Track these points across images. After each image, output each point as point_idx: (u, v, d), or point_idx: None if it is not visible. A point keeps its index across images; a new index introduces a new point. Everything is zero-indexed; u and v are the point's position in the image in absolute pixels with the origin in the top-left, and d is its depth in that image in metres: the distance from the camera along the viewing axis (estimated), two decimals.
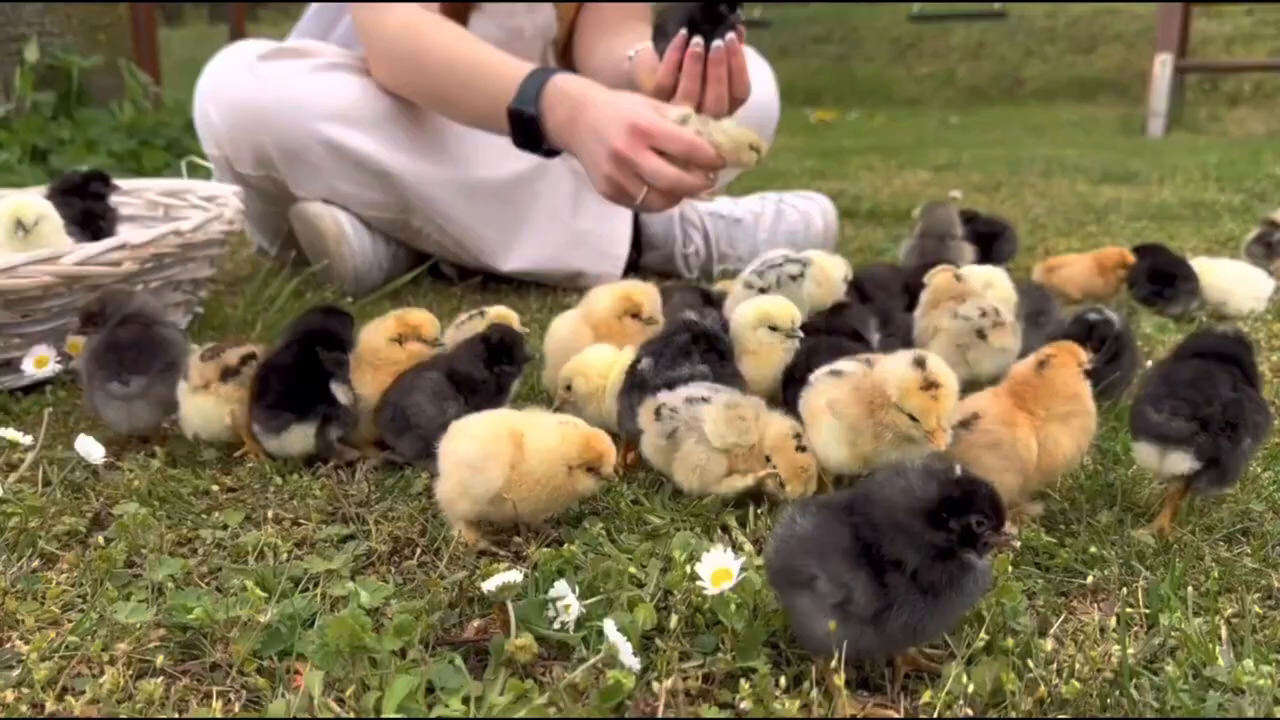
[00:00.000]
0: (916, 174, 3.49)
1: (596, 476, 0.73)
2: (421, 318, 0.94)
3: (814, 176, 3.36)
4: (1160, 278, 1.44)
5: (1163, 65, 5.67)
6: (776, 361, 0.94)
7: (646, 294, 1.00)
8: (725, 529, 0.77)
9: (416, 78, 1.43)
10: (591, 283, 1.60)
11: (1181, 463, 0.74)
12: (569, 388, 0.96)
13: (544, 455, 0.72)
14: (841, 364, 0.79)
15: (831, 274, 1.12)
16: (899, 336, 1.09)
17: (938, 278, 1.06)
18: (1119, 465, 0.89)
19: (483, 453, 0.72)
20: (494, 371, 0.90)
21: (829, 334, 1.01)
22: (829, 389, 0.79)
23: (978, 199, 2.83)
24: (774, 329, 0.95)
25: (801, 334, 0.96)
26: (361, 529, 0.78)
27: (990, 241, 1.65)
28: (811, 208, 1.70)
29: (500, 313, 0.97)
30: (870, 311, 1.07)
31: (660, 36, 1.29)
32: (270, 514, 0.80)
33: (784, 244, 1.68)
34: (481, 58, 1.30)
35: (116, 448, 0.92)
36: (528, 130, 1.23)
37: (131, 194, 1.44)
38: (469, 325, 1.01)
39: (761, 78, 1.82)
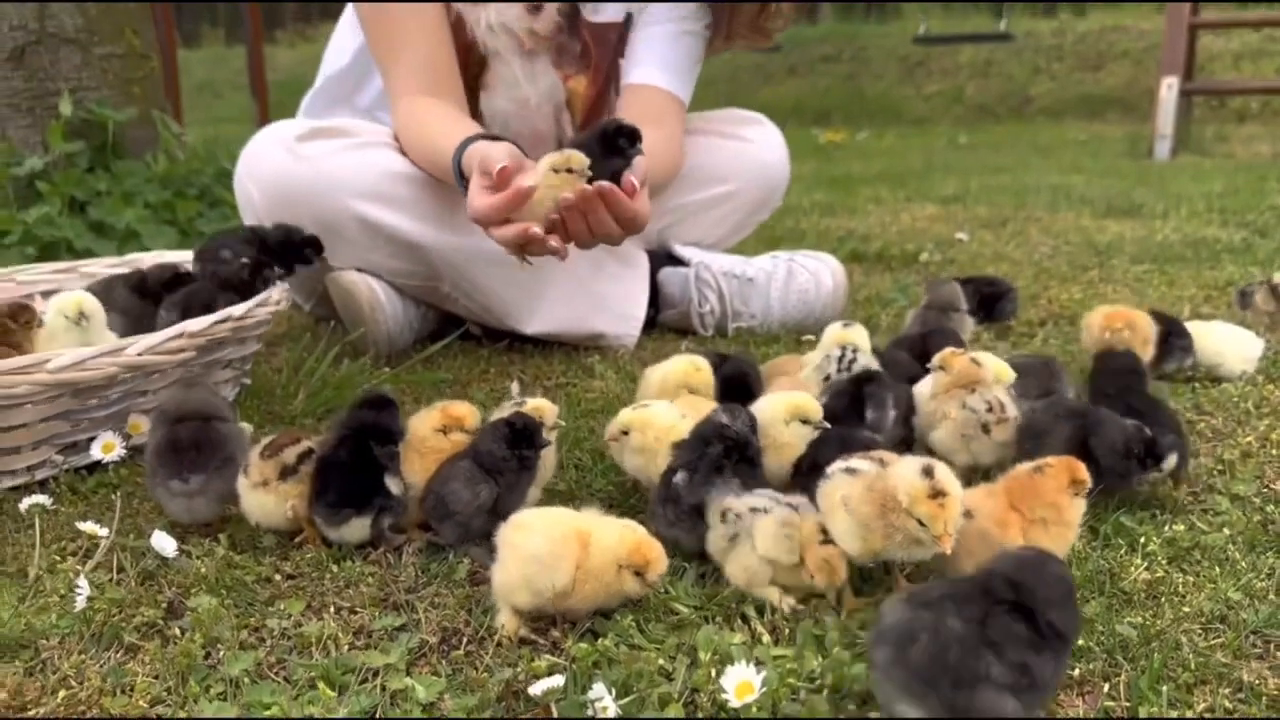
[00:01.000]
0: (924, 208, 3.56)
1: (642, 581, 0.80)
2: (463, 410, 1.02)
3: (823, 212, 3.44)
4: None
5: (1169, 88, 5.72)
6: (798, 453, 1.01)
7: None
8: (745, 618, 0.84)
9: (414, 156, 1.56)
10: (611, 343, 1.70)
11: None
12: (625, 433, 1.04)
13: (603, 555, 0.79)
14: (856, 461, 0.86)
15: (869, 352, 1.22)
16: (900, 411, 1.15)
17: (956, 363, 1.11)
18: (1108, 548, 0.96)
19: (553, 551, 0.79)
20: (516, 454, 0.97)
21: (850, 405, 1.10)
22: (844, 485, 0.86)
23: (984, 236, 2.90)
24: (804, 422, 1.02)
25: (828, 425, 1.04)
26: (412, 618, 0.85)
27: (993, 302, 1.72)
28: (821, 268, 1.77)
29: (538, 405, 1.04)
30: (889, 392, 1.14)
31: None
32: (329, 602, 0.87)
33: (795, 303, 1.76)
34: (438, 136, 1.44)
35: (181, 529, 1.00)
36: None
37: (179, 265, 1.52)
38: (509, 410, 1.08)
39: (772, 144, 1.91)
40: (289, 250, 1.41)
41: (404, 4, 1.59)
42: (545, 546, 0.80)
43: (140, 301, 1.38)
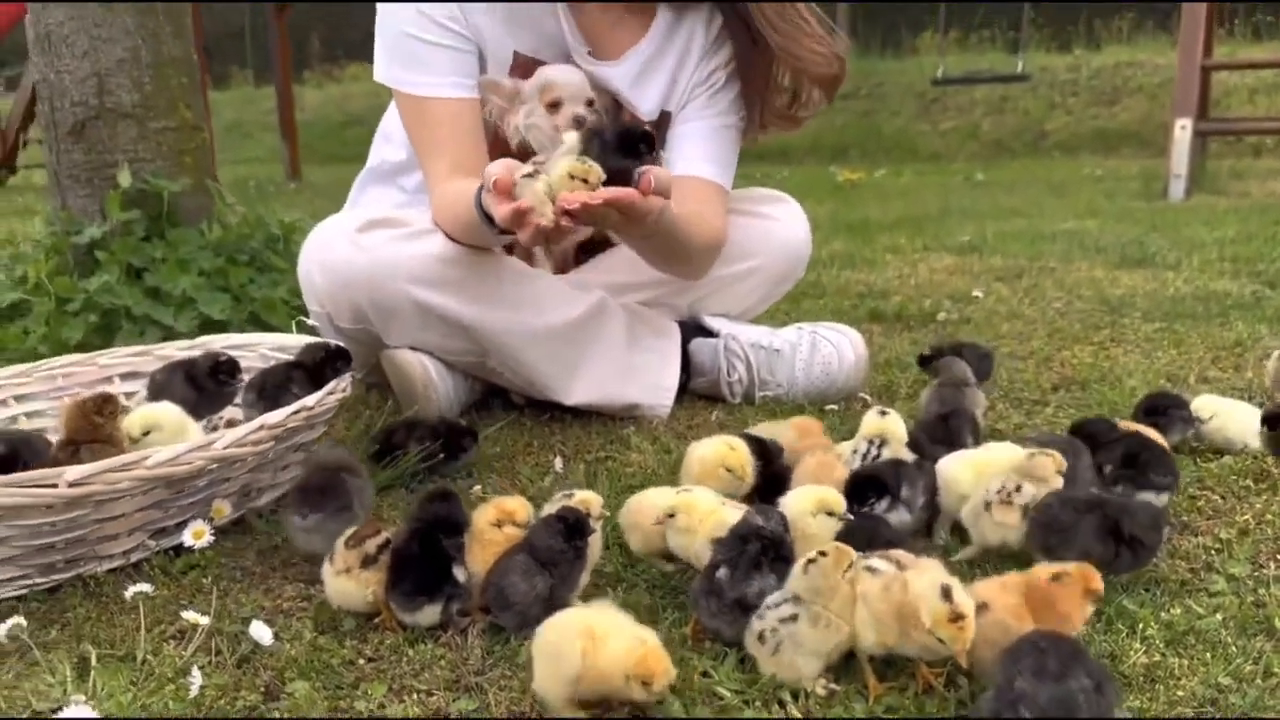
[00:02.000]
0: (941, 258, 3.66)
1: (648, 690, 0.88)
2: (515, 504, 1.13)
3: (842, 264, 3.54)
4: (1155, 410, 1.58)
5: (1183, 129, 5.82)
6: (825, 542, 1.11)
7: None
8: (781, 703, 0.94)
9: (448, 225, 1.67)
10: (646, 413, 1.80)
11: None
12: (672, 515, 1.14)
13: (612, 663, 0.88)
14: (876, 561, 0.96)
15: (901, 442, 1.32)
16: (928, 495, 1.25)
17: (1011, 463, 1.21)
18: (1110, 630, 1.05)
19: (562, 650, 0.89)
20: (569, 546, 1.08)
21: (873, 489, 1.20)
22: (863, 580, 0.96)
23: (1000, 290, 3.00)
24: (830, 514, 1.12)
25: (851, 516, 1.14)
26: (483, 700, 0.95)
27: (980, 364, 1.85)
28: (843, 341, 1.87)
29: (584, 498, 1.14)
30: (919, 474, 1.23)
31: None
32: (408, 685, 0.97)
33: (819, 375, 1.86)
34: (463, 193, 1.54)
35: (270, 613, 1.10)
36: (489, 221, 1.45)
37: (246, 348, 1.64)
38: (559, 504, 1.18)
39: (795, 221, 2.01)
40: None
41: (441, 105, 1.71)
42: (556, 638, 0.89)
43: (195, 393, 1.49)
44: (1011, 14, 11.83)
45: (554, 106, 1.70)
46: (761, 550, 1.02)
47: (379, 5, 1.76)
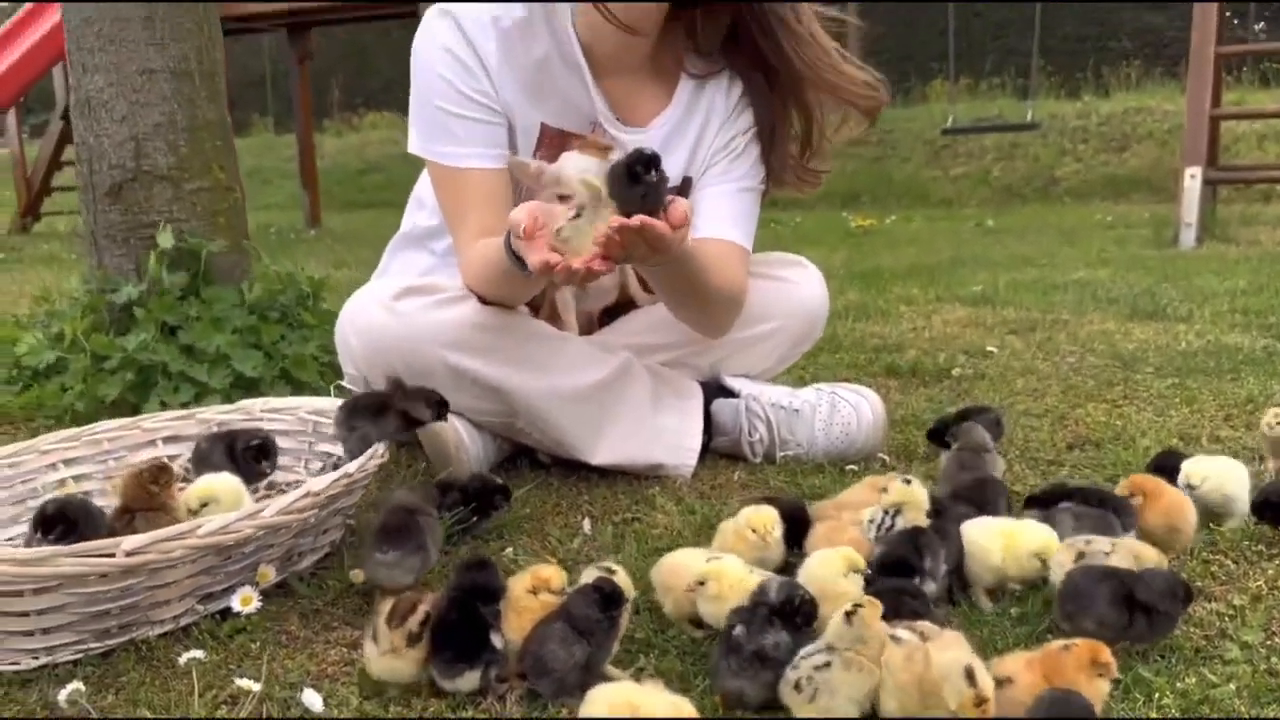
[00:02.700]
0: (955, 309, 3.71)
1: None
2: (551, 572, 1.18)
3: (856, 316, 3.60)
4: (1164, 470, 1.61)
5: (1192, 178, 5.88)
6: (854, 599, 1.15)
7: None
8: None
9: (478, 281, 1.75)
10: (670, 472, 1.85)
11: None
12: (702, 583, 1.19)
13: None
14: (901, 631, 1.00)
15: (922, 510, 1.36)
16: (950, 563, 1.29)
17: (1048, 549, 1.26)
18: (1127, 699, 1.09)
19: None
20: (607, 615, 1.12)
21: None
22: (888, 648, 1.00)
23: (1013, 344, 3.04)
24: (856, 572, 1.17)
25: (870, 572, 1.18)
26: None
27: (994, 431, 1.88)
28: (861, 403, 1.92)
29: (620, 575, 1.19)
30: (940, 543, 1.28)
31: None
32: None
33: (839, 435, 1.91)
34: (492, 245, 1.62)
35: (316, 678, 1.15)
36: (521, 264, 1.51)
37: (284, 411, 1.70)
38: (590, 573, 1.22)
39: (812, 284, 2.08)
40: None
41: (469, 175, 1.78)
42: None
43: (234, 465, 1.55)
44: (1020, 61, 11.99)
45: (564, 199, 1.77)
46: (776, 611, 1.06)
47: (415, 79, 1.83)
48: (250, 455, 1.57)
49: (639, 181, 1.42)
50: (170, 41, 2.64)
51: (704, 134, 1.93)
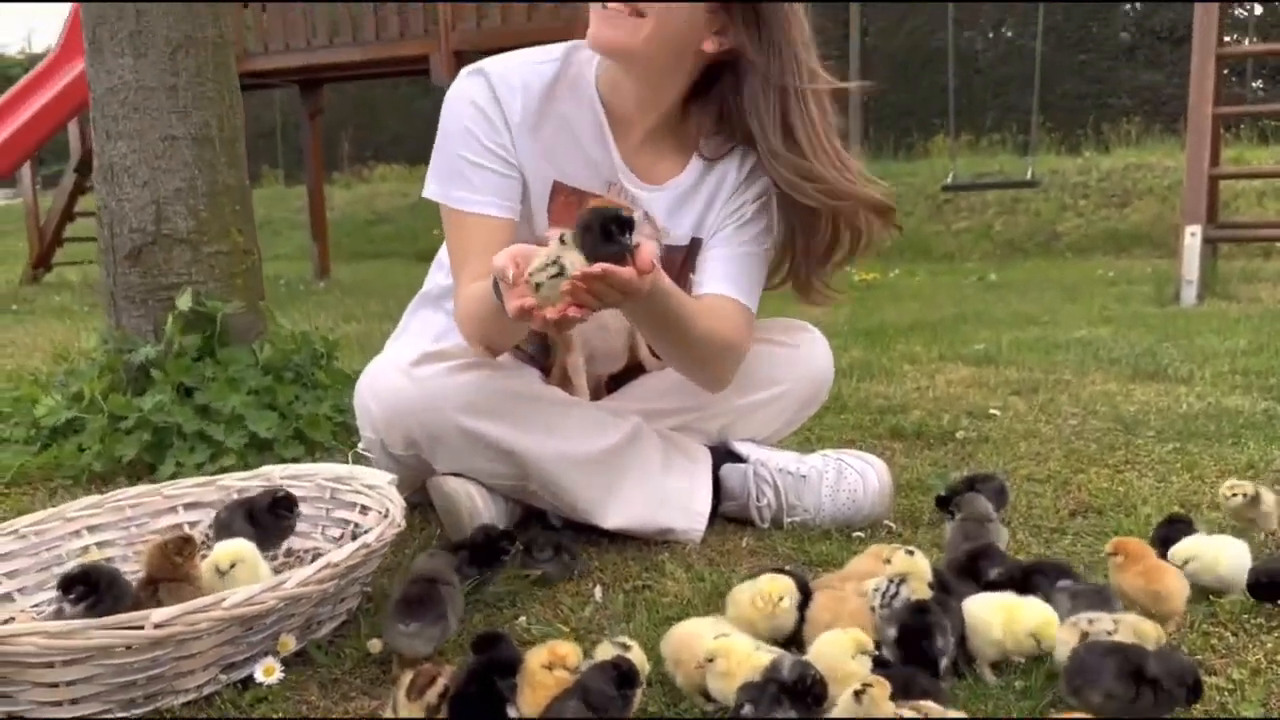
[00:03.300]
0: (958, 369, 3.75)
1: None
2: (567, 649, 1.20)
3: (860, 375, 3.64)
4: (1169, 540, 1.64)
5: (1192, 236, 5.94)
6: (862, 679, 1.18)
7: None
8: None
9: (469, 320, 1.81)
10: (679, 537, 1.88)
11: None
12: (710, 660, 1.22)
13: None
14: (906, 712, 1.03)
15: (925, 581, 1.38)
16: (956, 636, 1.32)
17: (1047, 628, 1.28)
18: None
19: None
20: (622, 693, 1.15)
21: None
22: None
23: (1016, 406, 3.08)
24: (864, 654, 1.20)
25: (879, 651, 1.21)
26: None
27: (998, 499, 1.92)
28: (868, 470, 1.96)
29: (635, 652, 1.22)
30: (946, 618, 1.30)
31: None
32: None
33: (845, 502, 1.94)
34: (479, 286, 1.70)
35: None
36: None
37: (303, 477, 1.74)
38: (605, 648, 1.25)
39: (818, 350, 2.12)
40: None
41: (477, 220, 1.84)
42: None
43: (256, 530, 1.59)
44: (1021, 118, 12.15)
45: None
46: (787, 688, 1.09)
47: (441, 129, 1.90)
48: (275, 508, 1.60)
49: (613, 241, 1.49)
50: (193, 109, 2.72)
51: (715, 198, 1.98)
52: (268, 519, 1.60)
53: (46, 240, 9.45)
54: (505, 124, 1.85)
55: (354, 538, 1.64)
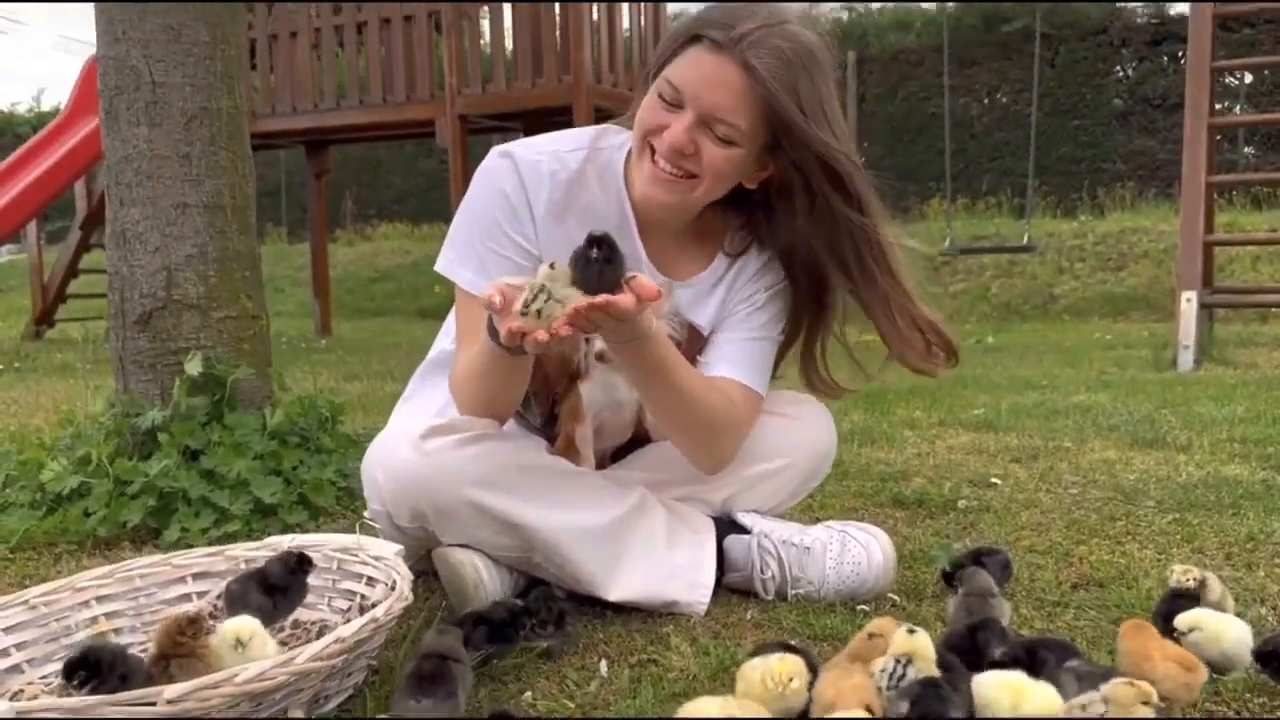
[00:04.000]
0: (958, 435, 3.77)
1: None
2: None
3: (862, 440, 3.66)
4: (1172, 615, 1.64)
5: (1188, 302, 5.99)
6: None
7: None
8: None
9: (464, 381, 1.85)
10: (684, 609, 1.89)
11: None
12: None
13: None
14: None
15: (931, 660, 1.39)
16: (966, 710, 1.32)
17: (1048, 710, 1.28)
18: None
19: None
20: None
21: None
22: None
23: (1016, 474, 3.09)
24: None
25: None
26: None
27: (1002, 572, 1.92)
28: (871, 543, 1.97)
29: None
30: (955, 695, 1.31)
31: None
32: None
33: (850, 574, 1.95)
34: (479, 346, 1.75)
35: None
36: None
37: (309, 548, 1.75)
38: None
39: (821, 422, 2.15)
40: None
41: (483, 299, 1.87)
42: None
43: (270, 598, 1.60)
44: (1017, 181, 12.31)
45: (586, 341, 1.85)
46: None
47: (466, 206, 1.94)
48: (293, 571, 1.61)
49: (592, 262, 1.52)
50: (206, 177, 2.77)
51: (731, 289, 2.01)
52: (286, 581, 1.60)
53: (50, 296, 9.50)
54: (530, 214, 1.88)
55: (361, 610, 1.65)
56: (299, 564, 1.63)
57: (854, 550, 1.96)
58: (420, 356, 2.21)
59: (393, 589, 1.56)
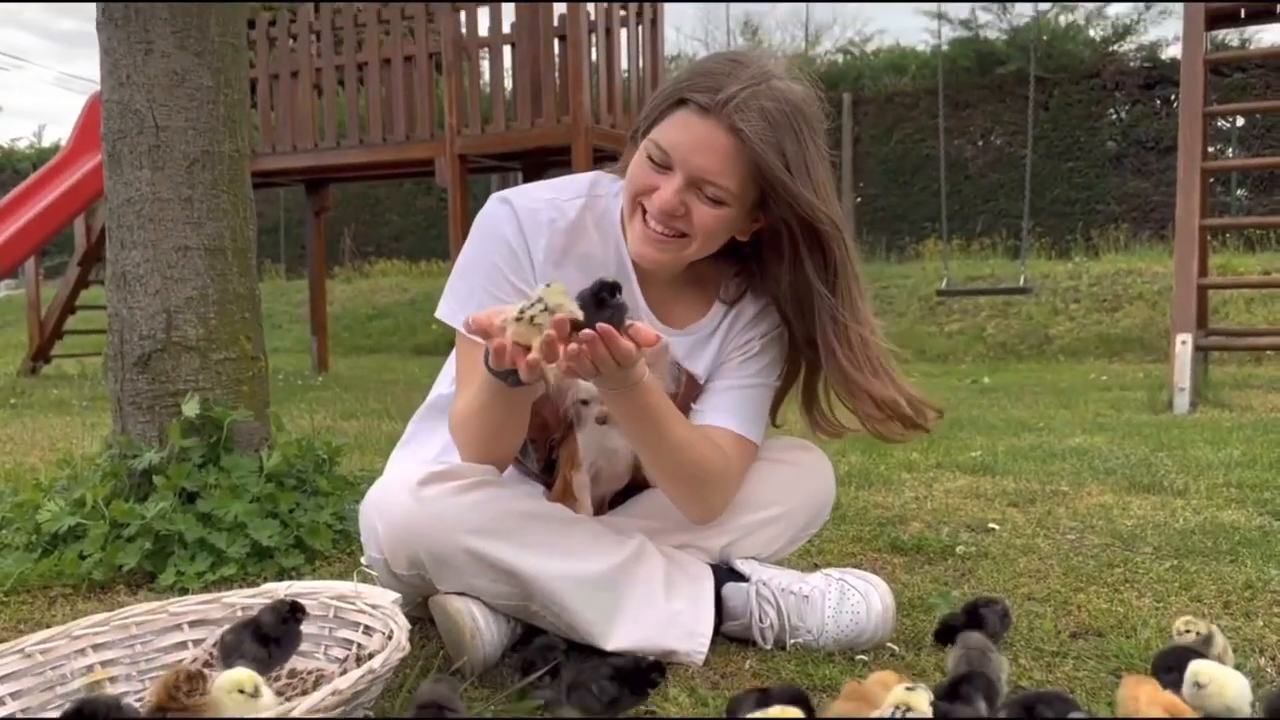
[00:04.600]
0: (955, 478, 3.77)
1: None
2: None
3: (859, 483, 3.66)
4: (1171, 668, 1.64)
5: (1183, 344, 6.02)
6: None
7: None
8: None
9: (464, 418, 1.86)
10: (682, 659, 1.88)
11: None
12: None
13: None
14: None
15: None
16: None
17: None
18: None
19: None
20: None
21: None
22: None
23: (1014, 519, 3.09)
24: None
25: None
26: None
27: (1001, 622, 1.92)
28: (870, 591, 1.96)
29: None
30: None
31: None
32: None
33: (848, 624, 1.94)
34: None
35: None
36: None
37: (306, 595, 1.74)
38: None
39: (820, 469, 2.15)
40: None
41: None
42: None
43: (265, 648, 1.59)
44: (1011, 222, 12.41)
45: (585, 404, 1.86)
46: None
47: (467, 253, 1.95)
48: (286, 621, 1.60)
49: (605, 306, 1.54)
50: (207, 220, 2.79)
51: (727, 338, 2.02)
52: (280, 630, 1.59)
53: (46, 332, 9.50)
54: (530, 260, 1.90)
55: (358, 660, 1.64)
56: (292, 613, 1.62)
57: (853, 599, 1.96)
58: (417, 394, 2.21)
59: (390, 639, 1.56)
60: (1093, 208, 13.62)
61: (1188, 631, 1.76)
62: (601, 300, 1.54)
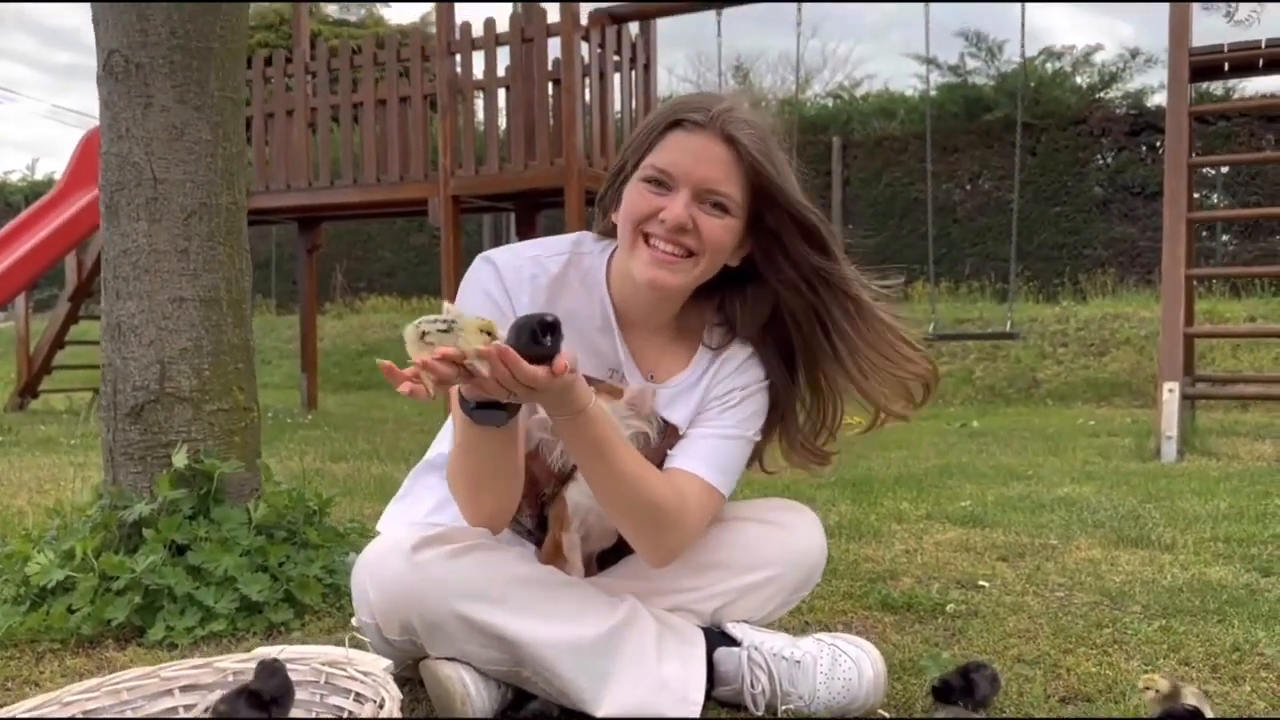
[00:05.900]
0: (945, 530, 3.78)
1: None
2: None
3: (849, 535, 3.66)
4: None
5: (1170, 392, 6.06)
6: None
7: None
8: None
9: (456, 467, 1.87)
10: None
11: None
12: None
13: None
14: None
15: None
16: None
17: None
18: None
19: None
20: None
21: None
22: None
23: (1004, 574, 3.10)
24: None
25: None
26: None
27: (991, 686, 1.93)
28: (862, 657, 1.97)
29: None
30: None
31: None
32: None
33: (840, 690, 1.94)
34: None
35: None
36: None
37: (298, 661, 1.74)
38: None
39: (810, 531, 2.16)
40: None
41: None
42: None
43: (259, 710, 1.59)
44: (999, 266, 12.50)
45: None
46: None
47: (467, 282, 1.97)
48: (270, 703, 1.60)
49: (536, 342, 1.54)
50: (203, 272, 2.80)
51: (710, 387, 2.04)
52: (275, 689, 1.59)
53: (35, 368, 9.47)
54: (513, 315, 1.91)
55: None
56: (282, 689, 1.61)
57: (844, 665, 1.96)
58: (406, 433, 2.23)
59: (381, 708, 1.56)
60: (1080, 252, 13.74)
61: (1147, 689, 1.78)
62: (534, 335, 1.55)
